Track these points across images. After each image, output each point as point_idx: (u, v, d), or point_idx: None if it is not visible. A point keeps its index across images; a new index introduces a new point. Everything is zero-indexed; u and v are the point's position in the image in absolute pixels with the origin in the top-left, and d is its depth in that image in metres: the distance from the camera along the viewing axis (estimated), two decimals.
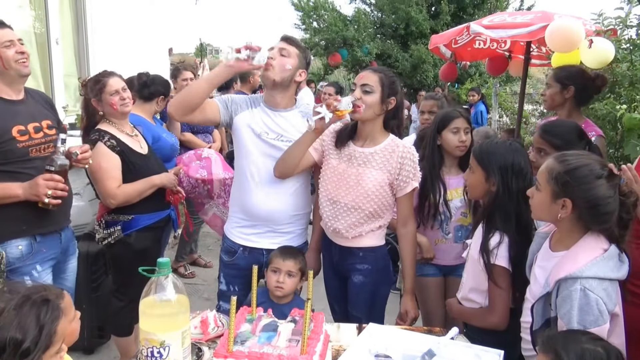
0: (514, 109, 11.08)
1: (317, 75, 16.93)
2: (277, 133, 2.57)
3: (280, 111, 2.61)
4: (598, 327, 1.63)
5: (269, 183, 2.57)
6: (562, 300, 1.69)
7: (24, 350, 1.24)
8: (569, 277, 1.69)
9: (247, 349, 1.64)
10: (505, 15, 4.97)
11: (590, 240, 1.77)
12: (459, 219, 2.83)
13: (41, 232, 2.51)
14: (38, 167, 2.44)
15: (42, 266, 2.53)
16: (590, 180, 1.73)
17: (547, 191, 1.81)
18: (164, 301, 1.61)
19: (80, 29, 5.61)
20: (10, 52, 2.40)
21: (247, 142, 2.59)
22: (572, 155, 1.82)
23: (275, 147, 2.56)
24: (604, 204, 1.72)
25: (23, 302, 1.30)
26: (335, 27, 15.42)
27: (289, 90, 2.61)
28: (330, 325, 2.14)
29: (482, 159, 2.21)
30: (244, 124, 2.59)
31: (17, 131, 2.41)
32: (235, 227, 2.68)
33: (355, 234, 2.51)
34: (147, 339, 1.59)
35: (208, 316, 2.13)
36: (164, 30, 7.32)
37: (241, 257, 2.65)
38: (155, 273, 1.62)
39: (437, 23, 15.40)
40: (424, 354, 1.79)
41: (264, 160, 2.57)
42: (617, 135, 3.55)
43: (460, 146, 2.81)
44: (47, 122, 2.57)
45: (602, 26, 3.93)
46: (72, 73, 5.51)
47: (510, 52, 5.80)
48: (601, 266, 1.69)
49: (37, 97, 2.68)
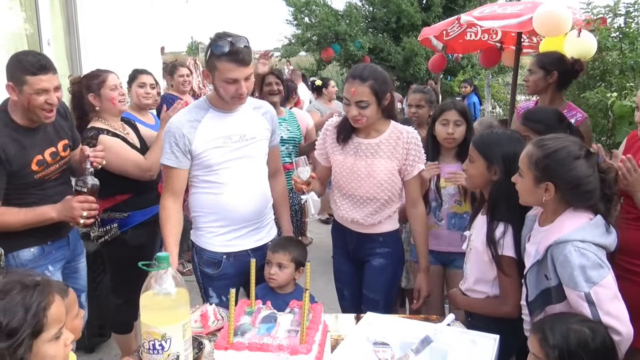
0: (506, 99, 11.14)
1: (310, 71, 16.93)
2: (239, 134, 2.45)
3: (233, 112, 2.46)
4: (605, 279, 1.68)
5: (244, 184, 2.48)
6: (561, 266, 1.74)
7: (9, 332, 1.23)
8: (559, 242, 1.75)
9: (247, 340, 1.67)
10: (496, 7, 5.02)
11: (575, 212, 1.83)
12: (452, 206, 2.86)
13: (51, 240, 2.54)
14: (47, 190, 2.46)
15: (54, 266, 2.55)
16: (569, 162, 1.79)
17: (530, 176, 1.86)
18: (164, 294, 1.63)
19: (71, 29, 5.60)
20: (39, 100, 2.29)
21: (212, 158, 2.41)
22: (549, 139, 1.87)
23: (242, 149, 2.46)
24: (585, 182, 1.79)
25: (11, 287, 1.29)
26: (327, 22, 15.42)
27: None
28: (329, 316, 2.16)
29: (484, 149, 2.21)
30: (201, 145, 2.39)
31: (35, 163, 2.39)
32: (213, 238, 2.52)
33: (374, 222, 2.58)
34: (148, 332, 1.62)
35: (208, 310, 2.16)
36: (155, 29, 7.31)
37: (227, 265, 2.51)
38: (154, 267, 1.64)
39: (429, 16, 15.41)
40: (421, 340, 1.81)
41: (235, 164, 2.45)
42: (608, 123, 3.58)
43: (448, 138, 2.83)
44: (63, 143, 2.54)
45: (591, 15, 3.96)
46: (65, 73, 5.47)
47: (501, 43, 5.85)
48: (588, 231, 1.76)
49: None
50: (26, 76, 2.24)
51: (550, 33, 3.76)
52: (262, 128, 2.55)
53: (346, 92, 2.45)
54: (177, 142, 2.36)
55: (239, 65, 2.25)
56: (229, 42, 2.23)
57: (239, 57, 2.24)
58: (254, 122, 2.52)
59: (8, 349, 1.23)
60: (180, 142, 2.36)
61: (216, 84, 2.34)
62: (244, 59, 2.25)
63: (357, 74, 2.42)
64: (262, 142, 2.55)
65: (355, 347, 1.83)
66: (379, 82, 2.41)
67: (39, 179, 2.42)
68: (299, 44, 16.79)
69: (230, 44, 2.22)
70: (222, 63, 2.25)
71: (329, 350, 1.85)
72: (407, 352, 1.80)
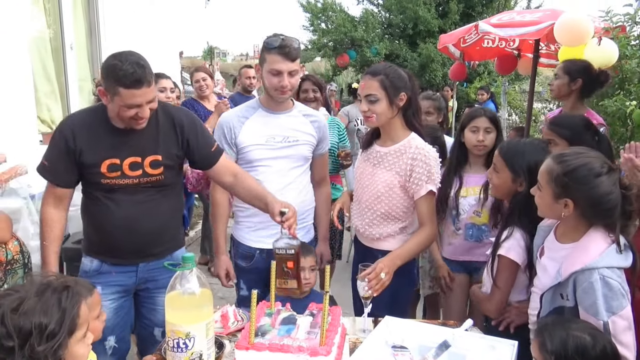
0: (523, 107, 11.08)
1: (325, 77, 16.98)
2: (283, 136, 2.61)
3: (280, 113, 2.64)
4: (624, 310, 1.67)
5: (282, 185, 2.61)
6: (584, 292, 1.72)
7: (50, 333, 1.27)
8: (586, 269, 1.72)
9: (268, 341, 1.70)
10: (514, 14, 5.01)
11: (597, 232, 1.80)
12: (471, 217, 2.82)
13: (111, 262, 2.33)
14: (116, 198, 2.24)
15: (104, 290, 2.26)
16: (590, 180, 1.75)
17: (549, 192, 1.83)
18: (188, 294, 1.67)
19: (93, 34, 5.71)
20: (129, 113, 2.11)
21: (254, 153, 2.59)
22: (570, 154, 1.84)
23: (284, 149, 2.61)
24: (605, 200, 1.74)
25: (44, 289, 1.34)
26: (344, 27, 15.47)
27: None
28: (347, 319, 2.19)
29: (511, 160, 2.21)
30: (246, 140, 2.59)
31: (106, 166, 2.19)
32: (248, 232, 2.69)
33: (374, 235, 2.50)
34: (173, 330, 1.65)
35: (228, 311, 2.19)
36: (175, 34, 7.41)
37: (259, 260, 2.66)
38: (179, 267, 1.68)
39: (446, 22, 15.38)
40: (440, 345, 1.83)
41: (275, 163, 2.61)
42: (627, 131, 3.57)
43: (478, 145, 2.79)
44: (152, 159, 2.25)
45: (610, 23, 3.95)
46: (86, 77, 5.61)
47: (519, 51, 5.81)
48: (613, 256, 1.73)
49: (167, 123, 2.31)
50: (119, 87, 2.05)
51: (572, 43, 3.76)
52: (306, 133, 2.67)
53: (359, 89, 2.50)
54: (225, 134, 2.60)
55: (284, 59, 2.45)
56: (280, 39, 2.45)
57: (285, 50, 2.44)
58: (300, 126, 2.66)
59: (51, 349, 1.27)
60: (228, 134, 2.60)
61: (264, 76, 2.54)
62: (290, 53, 2.45)
63: (370, 70, 2.46)
64: (304, 146, 2.67)
65: (374, 350, 1.85)
66: (390, 78, 2.37)
67: (105, 184, 2.22)
68: (315, 50, 16.85)
69: (281, 40, 2.45)
70: (270, 55, 2.47)
71: (347, 352, 1.87)
72: (425, 356, 1.81)
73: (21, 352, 1.23)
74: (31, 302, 1.29)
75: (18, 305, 1.28)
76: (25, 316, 1.26)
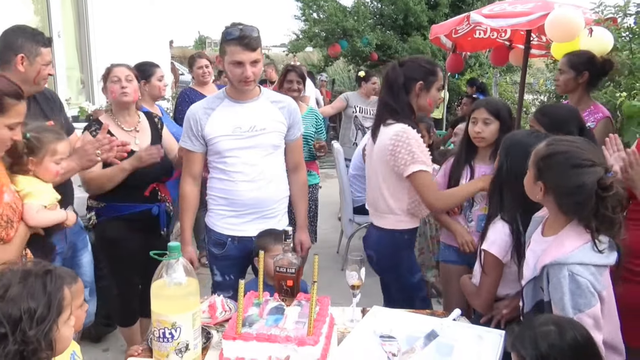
0: (514, 98, 11.08)
1: (317, 67, 16.92)
2: (250, 125, 2.59)
3: (247, 102, 2.62)
4: (592, 309, 1.65)
5: (252, 174, 2.61)
6: (553, 288, 1.72)
7: (39, 317, 1.28)
8: (555, 263, 1.71)
9: (255, 331, 1.69)
10: (505, 4, 4.99)
11: (575, 228, 1.78)
12: (482, 207, 2.76)
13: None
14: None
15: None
16: (564, 169, 1.74)
17: (531, 171, 1.86)
18: (174, 284, 1.66)
19: (81, 22, 5.64)
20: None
21: (221, 144, 2.59)
22: (560, 140, 1.84)
23: (251, 139, 2.59)
24: (577, 192, 1.71)
25: (26, 275, 1.34)
26: (336, 17, 15.38)
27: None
28: (336, 309, 2.18)
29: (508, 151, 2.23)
30: (212, 131, 2.59)
31: None
32: (220, 220, 2.70)
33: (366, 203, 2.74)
34: (158, 320, 1.64)
35: (216, 301, 2.18)
36: (164, 23, 7.34)
37: (231, 247, 2.69)
38: (165, 257, 1.67)
39: (436, 14, 15.34)
40: (427, 334, 1.83)
41: (244, 153, 2.60)
42: (616, 123, 3.58)
43: (476, 137, 2.75)
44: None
45: (601, 15, 3.96)
46: (74, 66, 5.55)
47: (510, 42, 5.83)
48: (586, 253, 1.71)
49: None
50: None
51: (563, 39, 3.75)
52: (275, 121, 2.64)
53: None
54: (192, 126, 2.61)
55: (244, 49, 2.43)
56: (239, 29, 2.43)
57: (245, 41, 2.42)
58: (267, 114, 2.63)
59: (42, 332, 1.27)
60: (194, 127, 2.61)
61: (226, 68, 2.53)
62: (250, 44, 2.43)
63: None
64: (272, 134, 2.64)
65: (362, 339, 1.85)
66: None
67: None
68: (306, 39, 16.77)
69: (240, 30, 2.43)
70: (230, 47, 2.46)
71: (335, 342, 1.87)
72: (413, 346, 1.81)
73: (13, 337, 1.24)
74: (16, 289, 1.29)
75: (4, 293, 1.28)
76: (12, 302, 1.27)
